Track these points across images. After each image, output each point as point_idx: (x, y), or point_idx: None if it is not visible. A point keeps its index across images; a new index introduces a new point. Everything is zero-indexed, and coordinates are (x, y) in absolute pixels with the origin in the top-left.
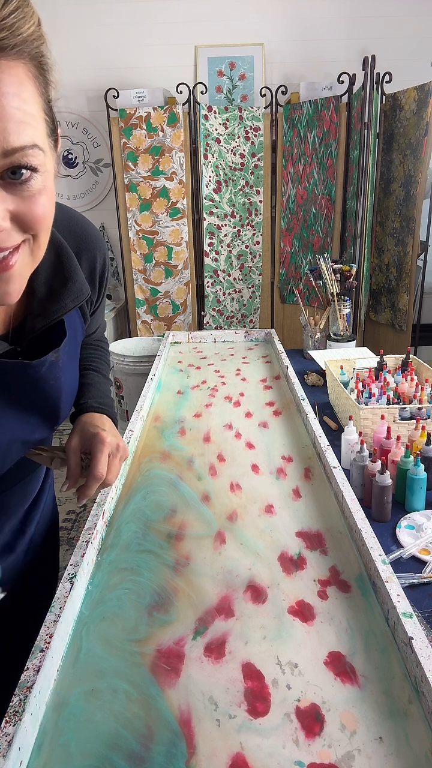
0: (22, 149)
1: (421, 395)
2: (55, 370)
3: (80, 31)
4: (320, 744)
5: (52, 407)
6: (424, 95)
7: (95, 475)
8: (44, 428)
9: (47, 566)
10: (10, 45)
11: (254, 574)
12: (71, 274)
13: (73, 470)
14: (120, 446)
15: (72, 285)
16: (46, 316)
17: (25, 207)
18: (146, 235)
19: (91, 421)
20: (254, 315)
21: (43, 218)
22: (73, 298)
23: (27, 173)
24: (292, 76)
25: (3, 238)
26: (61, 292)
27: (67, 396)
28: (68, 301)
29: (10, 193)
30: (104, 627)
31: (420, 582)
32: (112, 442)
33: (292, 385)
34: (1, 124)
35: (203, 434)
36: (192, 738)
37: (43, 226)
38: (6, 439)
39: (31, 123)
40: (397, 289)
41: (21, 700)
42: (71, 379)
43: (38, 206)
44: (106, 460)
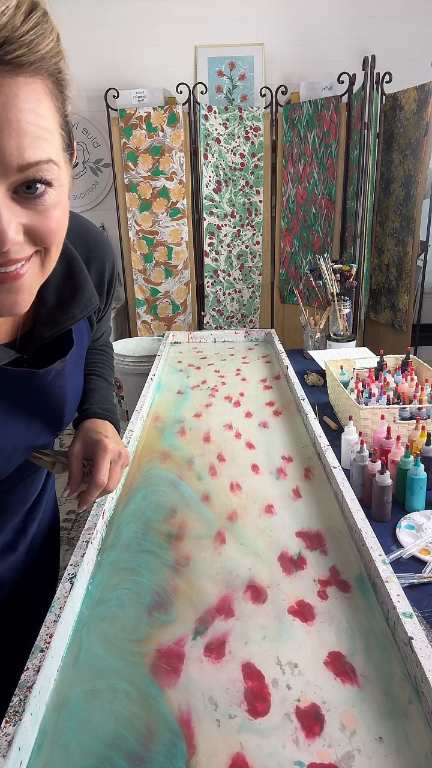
0: (37, 164)
1: (421, 395)
2: (60, 379)
3: (80, 31)
4: (320, 744)
5: (56, 414)
6: (424, 95)
7: (96, 482)
8: (48, 434)
9: (48, 565)
10: (29, 62)
11: (254, 574)
12: (81, 285)
13: (75, 476)
14: (122, 453)
15: (82, 296)
16: (54, 326)
17: (38, 221)
18: (146, 235)
19: (93, 428)
20: (254, 315)
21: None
22: (82, 309)
23: (42, 188)
24: (292, 76)
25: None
26: (70, 302)
27: (71, 402)
28: (77, 311)
29: (24, 207)
30: (104, 627)
31: (420, 582)
32: (114, 450)
33: (292, 385)
34: (18, 139)
35: (203, 434)
36: (192, 738)
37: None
38: (10, 445)
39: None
40: (397, 289)
41: (21, 700)
42: (76, 386)
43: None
44: (107, 467)
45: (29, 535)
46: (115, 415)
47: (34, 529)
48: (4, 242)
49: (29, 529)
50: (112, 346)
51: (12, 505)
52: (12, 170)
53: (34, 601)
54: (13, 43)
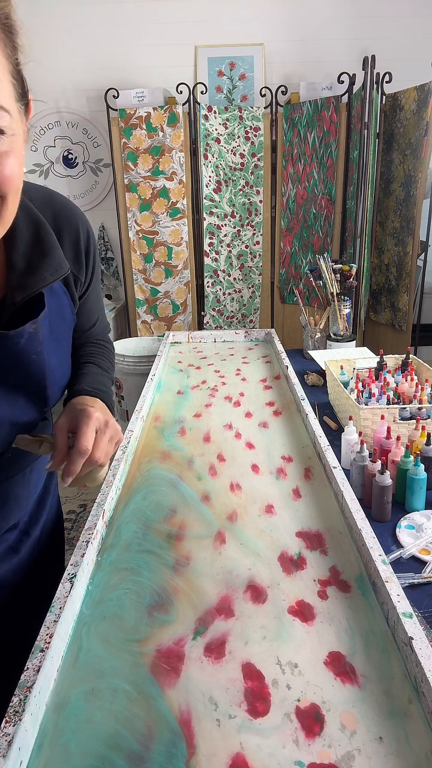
0: None
1: (421, 395)
2: (35, 344)
3: (80, 31)
4: (320, 744)
5: (36, 384)
6: (424, 95)
7: (79, 449)
8: (33, 410)
9: (52, 568)
10: None
11: (254, 574)
12: (50, 248)
13: (60, 448)
14: (109, 423)
15: (51, 259)
16: (25, 289)
17: None
18: (146, 235)
19: (80, 401)
20: (254, 315)
21: (10, 179)
22: (52, 272)
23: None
24: (292, 76)
25: None
26: (39, 264)
27: (53, 376)
28: (47, 274)
29: None
30: (104, 627)
31: (420, 582)
32: (99, 418)
33: (292, 385)
34: None
35: (203, 434)
36: (192, 738)
37: (10, 187)
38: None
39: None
40: (397, 289)
41: (21, 700)
42: (58, 361)
43: (5, 167)
44: (92, 435)
45: (32, 538)
46: (107, 396)
47: (37, 532)
48: None
49: (32, 531)
50: (112, 343)
51: (10, 497)
52: None
53: (37, 602)
54: None
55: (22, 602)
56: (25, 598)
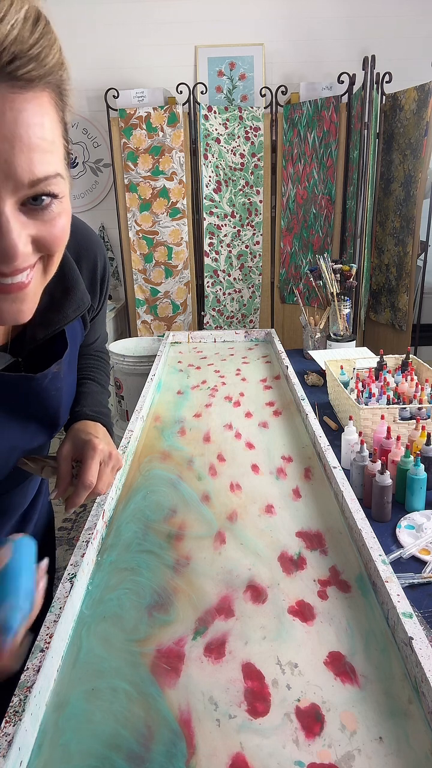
0: (46, 179)
1: (421, 395)
2: (57, 381)
3: (80, 31)
4: (320, 744)
5: (52, 416)
6: (424, 95)
7: (84, 483)
8: (43, 435)
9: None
10: (38, 76)
11: (254, 574)
12: (73, 284)
13: (63, 477)
14: (113, 455)
15: (74, 295)
16: (47, 326)
17: (45, 230)
18: (146, 235)
19: (84, 429)
20: (254, 315)
21: (61, 239)
22: (75, 308)
23: (48, 200)
24: (292, 76)
25: (22, 261)
26: (63, 302)
27: (66, 403)
28: (70, 311)
29: (31, 218)
30: (104, 627)
31: (420, 582)
32: (104, 450)
33: (292, 385)
34: (28, 155)
35: (203, 434)
36: (192, 738)
37: (60, 246)
38: (7, 447)
39: (53, 152)
40: (397, 289)
41: (21, 700)
42: (70, 387)
43: (57, 229)
44: (96, 468)
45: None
46: (107, 418)
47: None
48: (15, 256)
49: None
50: (108, 353)
51: (10, 508)
52: (23, 185)
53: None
54: (23, 58)
55: None
56: None
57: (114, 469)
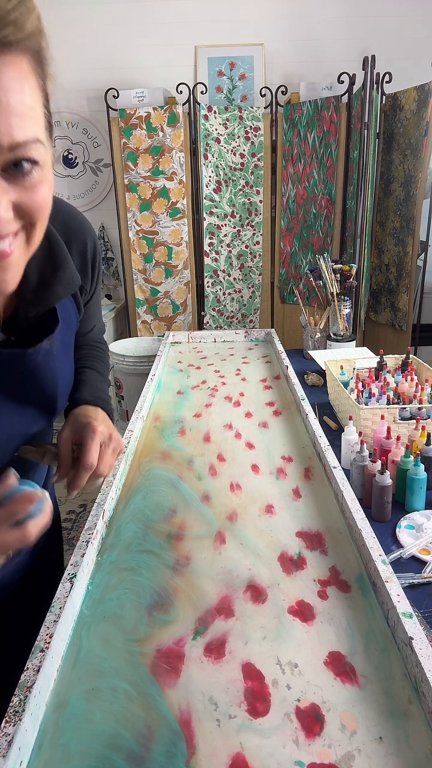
0: (26, 143)
1: (421, 395)
2: (50, 359)
3: (80, 31)
4: (320, 744)
5: (48, 398)
6: (424, 95)
7: (85, 464)
8: (42, 420)
9: (52, 567)
10: (16, 41)
11: (254, 574)
12: (62, 262)
13: (64, 460)
14: (113, 436)
15: (63, 273)
16: (38, 304)
17: (26, 197)
18: (146, 235)
19: (83, 413)
20: (254, 315)
21: (42, 207)
22: (65, 286)
23: (28, 166)
24: (292, 76)
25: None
26: (52, 280)
27: (63, 386)
28: (60, 288)
29: (12, 184)
30: (104, 627)
31: (420, 582)
32: (103, 432)
33: (292, 385)
34: (6, 118)
35: (203, 434)
36: (192, 738)
37: (41, 215)
38: (6, 432)
39: (33, 117)
40: (397, 289)
41: (21, 700)
42: (66, 370)
43: (39, 196)
44: (97, 449)
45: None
46: (107, 404)
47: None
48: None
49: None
50: (107, 344)
51: None
52: (2, 149)
53: (37, 602)
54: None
55: (23, 602)
56: (26, 598)
57: (115, 451)
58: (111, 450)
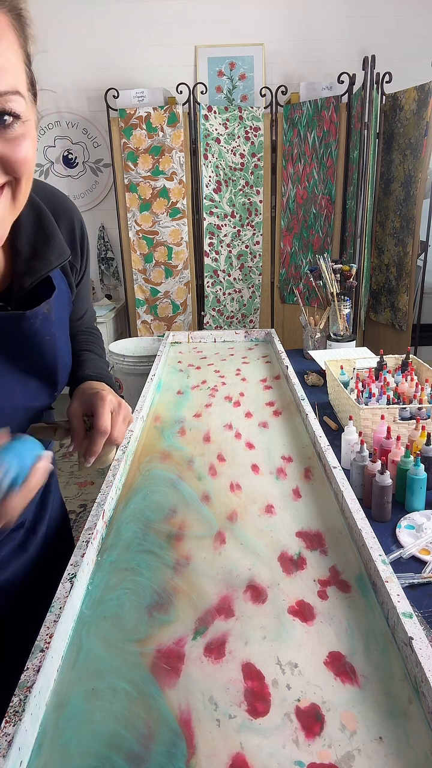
0: (5, 94)
1: (421, 395)
2: (48, 325)
3: (80, 31)
4: (320, 744)
5: (49, 368)
6: (424, 95)
7: (99, 429)
8: (44, 394)
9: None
10: None
11: (254, 574)
12: (52, 233)
13: (77, 431)
14: (122, 404)
15: (54, 243)
16: (32, 274)
17: (8, 149)
18: (146, 235)
19: (89, 386)
20: (254, 315)
21: (25, 161)
22: (57, 256)
23: (9, 119)
24: (292, 76)
25: None
26: (44, 250)
27: (62, 360)
28: (53, 258)
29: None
30: (104, 627)
31: (420, 582)
32: (113, 400)
33: (292, 385)
34: None
35: (203, 434)
36: (192, 738)
37: (25, 169)
38: (9, 405)
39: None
40: (397, 289)
41: (21, 700)
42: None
43: (21, 149)
44: (108, 415)
45: (39, 536)
46: (110, 379)
47: (43, 530)
48: None
49: (39, 529)
50: (99, 331)
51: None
52: None
53: (38, 602)
54: None
55: (32, 601)
56: (34, 597)
57: (125, 419)
58: (121, 417)
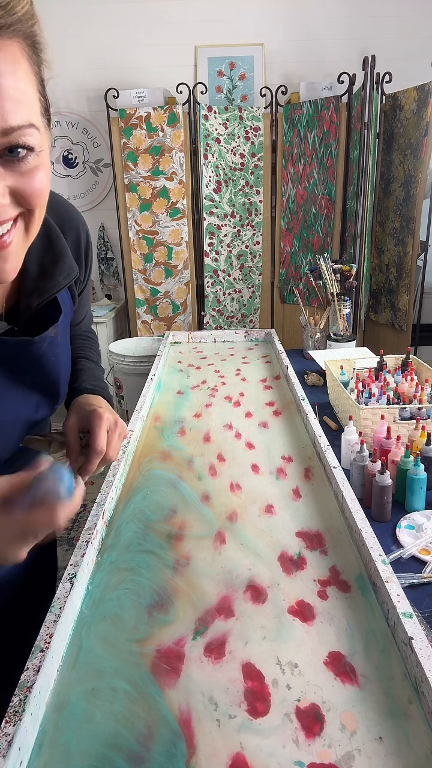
0: (19, 128)
1: (421, 395)
2: (54, 347)
3: (80, 31)
4: (320, 744)
5: (52, 384)
6: (424, 95)
7: (95, 449)
8: (45, 407)
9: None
10: (6, 24)
11: (254, 574)
12: (61, 252)
13: (73, 448)
14: (118, 422)
15: (63, 263)
16: (41, 294)
17: (23, 183)
18: (146, 235)
19: (86, 401)
20: (254, 315)
21: (40, 193)
22: (65, 276)
23: (23, 152)
24: (292, 76)
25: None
26: (53, 270)
27: (64, 374)
28: (61, 278)
29: (8, 170)
30: (104, 627)
31: (420, 582)
32: (109, 418)
33: (292, 385)
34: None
35: (203, 434)
36: (192, 738)
37: (39, 201)
38: (12, 418)
39: (26, 102)
40: (397, 289)
41: (21, 700)
42: (66, 358)
43: (35, 181)
44: (105, 435)
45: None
46: (106, 391)
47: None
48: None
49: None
50: (96, 333)
51: None
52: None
53: (34, 601)
54: None
55: (22, 601)
56: (24, 597)
57: (120, 436)
58: (117, 435)
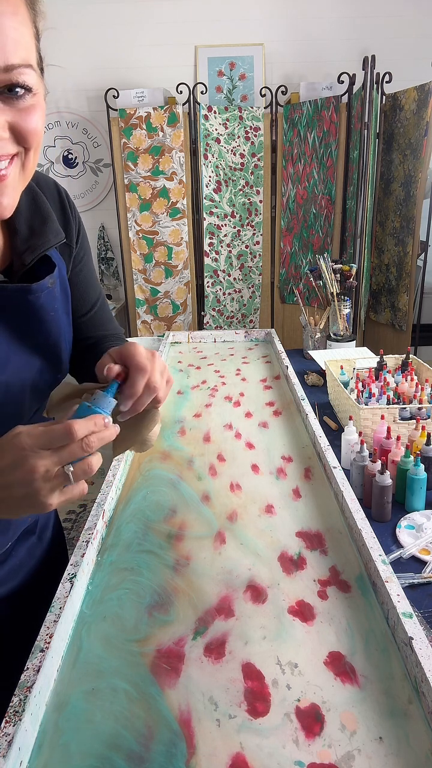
0: (18, 67)
1: (421, 395)
2: (52, 300)
3: (80, 31)
4: (320, 744)
5: (53, 347)
6: (424, 95)
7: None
8: (49, 375)
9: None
10: None
11: (254, 574)
12: (48, 214)
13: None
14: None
15: (51, 224)
16: (32, 251)
17: (21, 119)
18: (146, 235)
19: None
20: (254, 315)
21: (35, 132)
22: (54, 234)
23: (21, 91)
24: (292, 76)
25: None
26: (42, 229)
27: (65, 341)
28: (51, 236)
29: (8, 106)
30: (104, 627)
31: (420, 582)
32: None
33: (292, 385)
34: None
35: (203, 434)
36: (192, 738)
37: (35, 139)
38: (18, 381)
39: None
40: (397, 289)
41: (21, 700)
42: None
43: (32, 120)
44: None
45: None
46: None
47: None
48: None
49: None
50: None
51: None
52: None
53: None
54: None
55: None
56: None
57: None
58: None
